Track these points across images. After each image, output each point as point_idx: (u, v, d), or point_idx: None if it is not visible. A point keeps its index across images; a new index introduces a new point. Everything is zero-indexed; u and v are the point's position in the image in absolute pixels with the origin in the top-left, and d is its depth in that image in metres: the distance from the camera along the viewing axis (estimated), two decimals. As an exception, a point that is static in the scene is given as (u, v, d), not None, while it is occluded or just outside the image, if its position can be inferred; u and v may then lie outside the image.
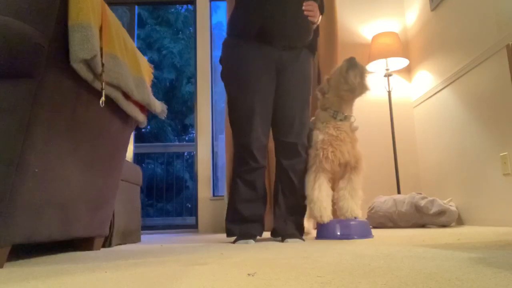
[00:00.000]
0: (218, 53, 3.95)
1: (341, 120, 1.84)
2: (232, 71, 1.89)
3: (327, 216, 1.78)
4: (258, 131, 1.82)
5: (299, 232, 1.88)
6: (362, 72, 1.80)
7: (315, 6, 1.89)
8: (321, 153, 1.79)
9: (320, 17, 1.99)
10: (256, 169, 1.85)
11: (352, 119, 1.88)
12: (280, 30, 1.82)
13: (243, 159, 1.84)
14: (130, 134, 1.87)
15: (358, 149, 1.86)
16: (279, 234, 1.89)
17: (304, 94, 1.91)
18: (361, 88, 1.81)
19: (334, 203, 1.88)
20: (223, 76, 1.95)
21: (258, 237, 1.89)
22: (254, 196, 1.86)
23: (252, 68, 1.83)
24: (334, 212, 1.85)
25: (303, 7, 1.85)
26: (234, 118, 1.87)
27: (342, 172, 1.89)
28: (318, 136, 1.84)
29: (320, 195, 1.78)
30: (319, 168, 1.81)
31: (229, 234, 1.87)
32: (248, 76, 1.83)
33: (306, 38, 1.92)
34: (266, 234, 2.05)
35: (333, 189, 1.88)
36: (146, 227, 3.82)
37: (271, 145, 2.06)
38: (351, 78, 1.77)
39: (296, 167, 1.87)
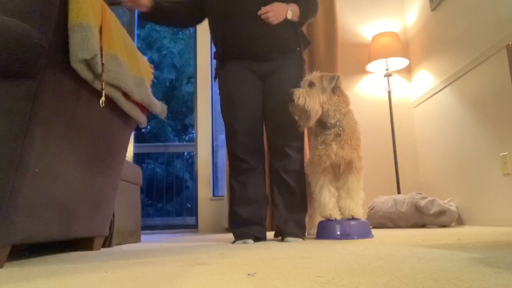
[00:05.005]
0: (218, 53, 3.95)
1: (325, 129, 1.89)
2: (219, 86, 2.01)
3: (336, 214, 1.85)
4: (243, 137, 1.90)
5: (300, 230, 1.88)
6: (298, 105, 1.80)
7: (274, 6, 1.80)
8: (312, 158, 1.91)
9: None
10: (247, 170, 1.90)
11: (341, 124, 1.88)
12: (248, 47, 1.88)
13: (233, 162, 1.94)
14: (130, 134, 1.87)
15: (352, 150, 1.86)
16: (279, 234, 1.90)
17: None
18: (305, 119, 1.83)
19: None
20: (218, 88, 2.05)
21: (261, 240, 1.89)
22: (250, 198, 1.88)
23: (234, 83, 1.93)
24: None
25: (259, 12, 1.79)
26: (224, 126, 1.99)
27: (339, 172, 1.92)
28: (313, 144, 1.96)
29: (323, 198, 1.87)
30: (315, 171, 1.90)
31: (234, 238, 1.87)
32: (230, 90, 1.94)
33: (278, 48, 1.90)
34: (269, 236, 2.05)
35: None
36: (146, 227, 3.81)
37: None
38: (292, 112, 1.86)
39: (287, 168, 1.90)
